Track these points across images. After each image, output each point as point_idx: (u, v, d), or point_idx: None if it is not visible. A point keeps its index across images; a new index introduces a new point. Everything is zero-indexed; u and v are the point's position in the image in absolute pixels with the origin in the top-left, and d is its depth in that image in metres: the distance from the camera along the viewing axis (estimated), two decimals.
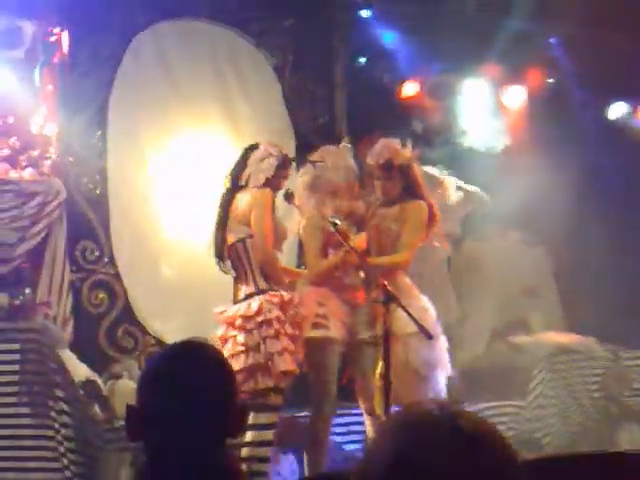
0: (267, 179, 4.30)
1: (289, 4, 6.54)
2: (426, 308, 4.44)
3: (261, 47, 6.53)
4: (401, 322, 4.17)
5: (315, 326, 4.34)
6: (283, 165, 4.39)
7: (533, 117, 7.05)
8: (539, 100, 7.09)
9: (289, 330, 4.13)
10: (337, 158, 4.66)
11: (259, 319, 4.10)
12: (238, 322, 4.16)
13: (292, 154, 6.58)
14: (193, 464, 1.60)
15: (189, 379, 1.63)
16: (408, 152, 4.63)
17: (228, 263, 4.38)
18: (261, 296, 4.16)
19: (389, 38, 6.76)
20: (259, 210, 4.21)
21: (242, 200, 4.29)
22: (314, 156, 4.72)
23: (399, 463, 0.96)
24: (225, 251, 4.34)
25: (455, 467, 0.95)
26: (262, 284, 4.21)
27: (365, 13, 6.81)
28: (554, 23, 6.78)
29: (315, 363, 4.34)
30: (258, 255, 4.24)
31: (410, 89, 6.89)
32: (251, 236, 4.24)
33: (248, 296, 4.21)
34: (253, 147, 4.47)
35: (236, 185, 4.35)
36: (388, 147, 4.61)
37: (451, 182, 6.04)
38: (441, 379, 4.47)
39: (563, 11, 6.33)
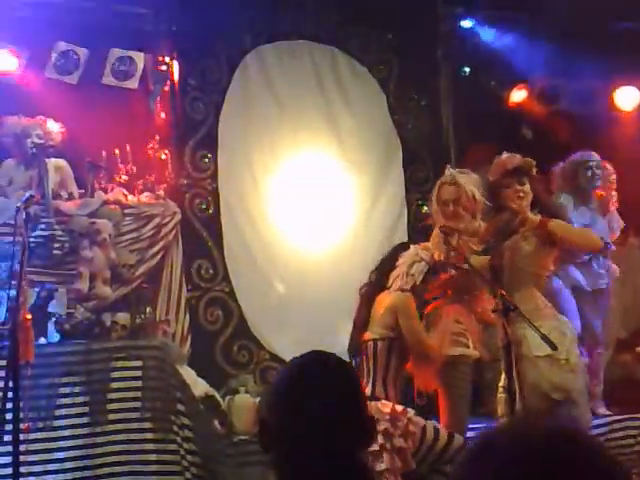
0: (414, 284, 4.10)
1: (389, 19, 6.58)
2: (561, 330, 4.25)
3: (364, 61, 6.60)
4: (531, 343, 4.06)
5: (454, 344, 4.22)
6: (433, 272, 4.15)
7: None
8: None
9: (397, 443, 3.82)
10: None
11: None
12: None
13: (399, 166, 6.66)
14: (324, 475, 1.60)
15: (318, 390, 1.64)
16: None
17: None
18: (372, 403, 3.83)
19: (493, 45, 6.69)
20: (406, 314, 4.04)
21: (384, 301, 4.11)
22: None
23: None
24: (359, 349, 4.13)
25: None
26: (379, 390, 3.98)
27: (467, 23, 6.78)
28: None
29: (447, 382, 4.19)
30: (419, 355, 4.05)
31: (518, 95, 6.79)
32: (384, 339, 4.05)
33: None
34: (402, 246, 4.32)
35: (381, 284, 4.17)
36: (514, 156, 4.51)
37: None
38: (581, 406, 4.24)
39: None
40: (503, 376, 3.93)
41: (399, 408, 3.91)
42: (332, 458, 1.60)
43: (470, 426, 4.38)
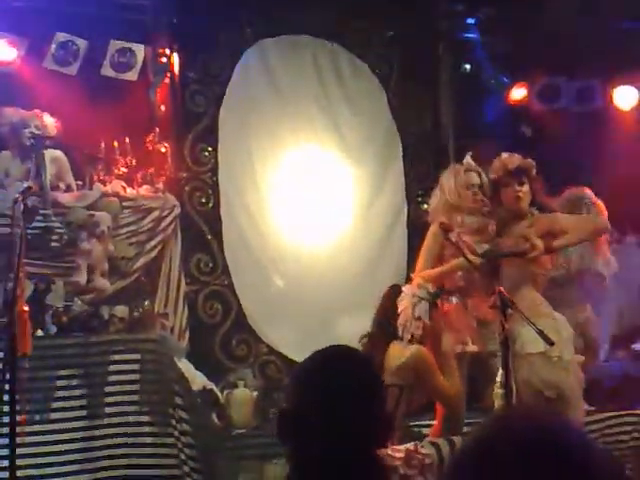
0: (424, 325, 4.13)
1: (389, 15, 6.57)
2: (556, 328, 4.25)
3: (365, 58, 6.59)
4: (524, 341, 4.07)
5: (456, 341, 4.29)
6: (434, 306, 4.21)
7: None
8: None
9: None
10: (449, 178, 4.60)
11: None
12: None
13: (399, 162, 6.66)
14: (340, 471, 1.59)
15: (338, 383, 1.62)
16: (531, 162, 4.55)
17: None
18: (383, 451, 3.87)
19: (494, 43, 6.70)
20: (427, 372, 4.08)
21: (399, 355, 4.11)
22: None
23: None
24: None
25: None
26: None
27: (469, 20, 6.79)
28: None
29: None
30: (439, 400, 4.16)
31: (518, 94, 6.80)
32: (396, 385, 4.03)
33: None
34: (396, 289, 4.30)
35: (387, 334, 4.18)
36: (514, 155, 4.54)
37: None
38: (573, 404, 4.25)
39: None
40: (500, 371, 3.95)
41: (410, 447, 3.92)
42: (348, 452, 1.59)
43: (467, 421, 4.39)
